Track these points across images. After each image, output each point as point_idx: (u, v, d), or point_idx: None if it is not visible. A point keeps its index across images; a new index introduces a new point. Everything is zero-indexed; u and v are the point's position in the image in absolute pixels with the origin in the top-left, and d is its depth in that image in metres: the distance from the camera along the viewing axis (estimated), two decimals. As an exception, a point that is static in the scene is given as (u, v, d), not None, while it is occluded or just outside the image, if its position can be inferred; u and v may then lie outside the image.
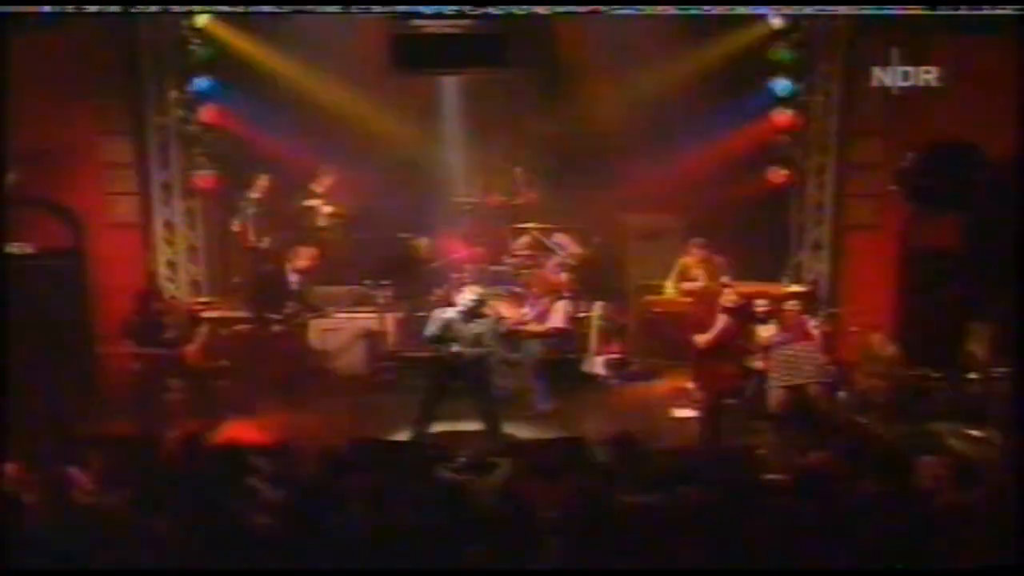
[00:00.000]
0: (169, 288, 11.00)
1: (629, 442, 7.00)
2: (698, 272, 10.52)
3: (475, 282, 9.75)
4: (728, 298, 9.20)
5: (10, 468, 6.33)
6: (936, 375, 9.66)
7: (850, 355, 9.86)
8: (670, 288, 10.69)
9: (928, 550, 5.45)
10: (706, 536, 5.47)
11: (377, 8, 8.69)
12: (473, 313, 8.84)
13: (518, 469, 7.03)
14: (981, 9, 7.72)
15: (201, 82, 10.69)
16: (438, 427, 8.91)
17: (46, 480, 6.12)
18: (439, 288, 10.91)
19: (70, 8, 7.86)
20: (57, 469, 6.25)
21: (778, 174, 10.96)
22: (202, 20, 10.49)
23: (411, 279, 11.07)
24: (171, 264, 11.06)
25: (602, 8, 8.46)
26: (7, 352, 8.59)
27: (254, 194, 11.00)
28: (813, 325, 9.45)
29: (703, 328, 9.15)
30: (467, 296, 8.91)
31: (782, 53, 10.66)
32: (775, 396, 9.05)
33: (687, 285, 10.51)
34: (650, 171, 11.19)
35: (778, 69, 10.69)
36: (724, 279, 10.33)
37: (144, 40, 10.52)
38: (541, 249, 11.19)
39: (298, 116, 11.12)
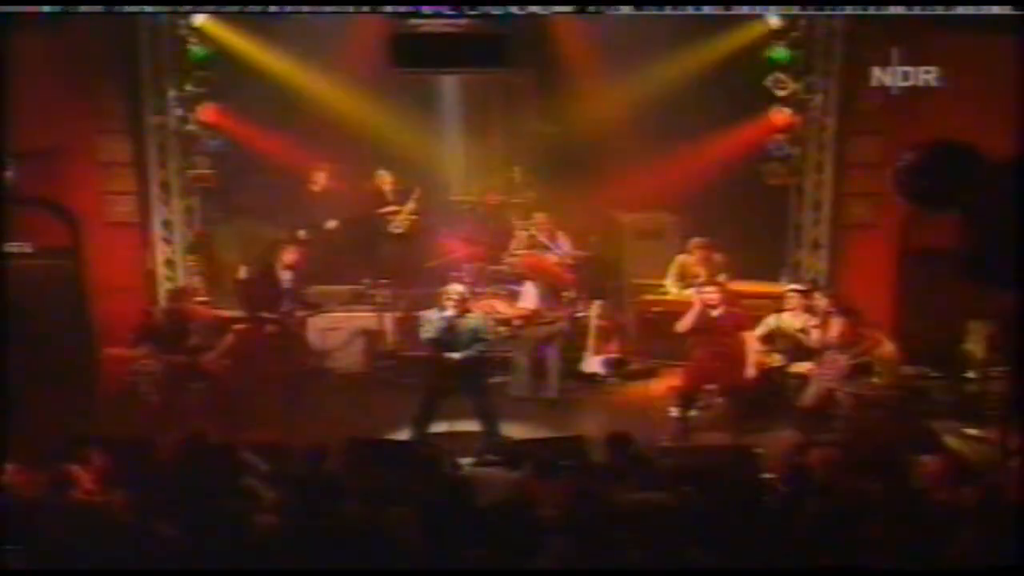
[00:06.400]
0: (167, 287, 11.00)
1: (627, 441, 7.01)
2: (698, 270, 10.52)
3: (457, 280, 9.73)
4: (707, 296, 9.24)
5: (10, 468, 6.33)
6: (935, 374, 9.67)
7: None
8: (672, 287, 10.68)
9: (927, 550, 5.46)
10: (706, 535, 5.47)
11: (376, 7, 8.69)
12: (461, 311, 8.87)
13: (517, 469, 7.04)
14: (981, 9, 7.72)
15: (200, 80, 10.69)
16: (437, 427, 8.92)
17: (47, 479, 6.12)
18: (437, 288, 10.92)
19: (70, 8, 7.86)
20: (58, 468, 6.25)
21: (777, 173, 10.95)
22: (200, 19, 10.47)
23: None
24: (169, 263, 11.05)
25: (602, 8, 8.47)
26: (6, 351, 8.57)
27: None
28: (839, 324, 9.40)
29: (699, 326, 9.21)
30: (451, 293, 8.91)
31: (780, 52, 10.66)
32: (811, 396, 8.99)
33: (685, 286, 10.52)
34: (648, 170, 11.18)
35: (776, 68, 10.69)
36: (720, 278, 10.41)
37: (142, 39, 10.51)
38: (540, 248, 11.19)
39: (296, 115, 11.11)
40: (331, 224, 11.36)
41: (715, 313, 9.19)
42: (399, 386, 10.38)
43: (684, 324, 9.28)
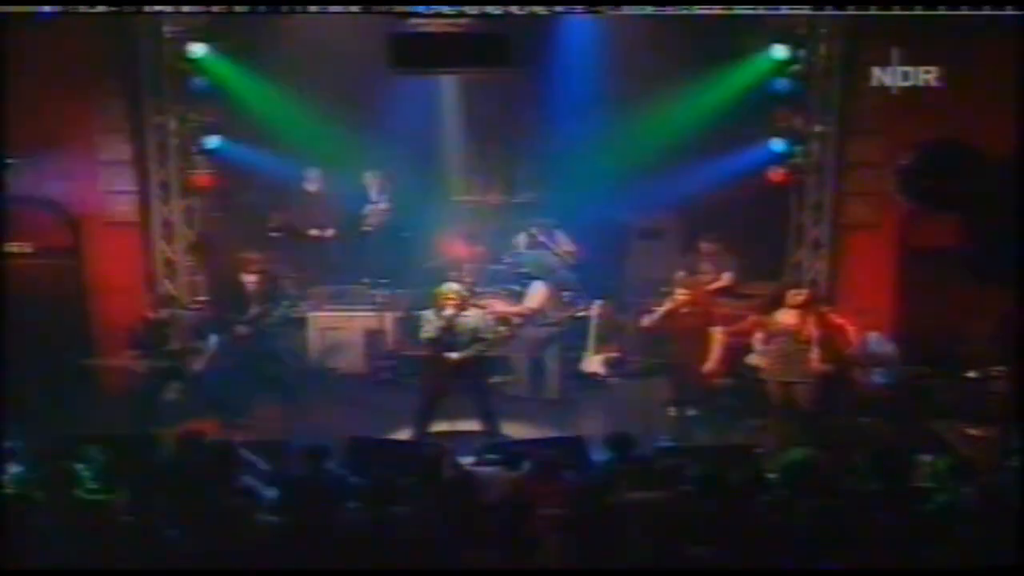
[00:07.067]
0: (167, 288, 11.00)
1: (628, 441, 7.01)
2: (707, 267, 10.53)
3: (457, 279, 9.71)
4: (681, 297, 9.28)
5: (10, 468, 6.33)
6: (935, 373, 9.67)
7: (849, 354, 9.85)
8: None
9: (927, 550, 5.46)
10: (706, 535, 5.47)
11: (376, 7, 8.69)
12: (460, 310, 8.87)
13: (518, 468, 7.03)
14: (981, 9, 7.72)
15: (200, 80, 10.67)
16: (438, 427, 8.92)
17: (47, 479, 6.11)
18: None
19: (70, 8, 7.86)
20: (58, 467, 6.25)
21: (777, 173, 10.94)
22: (201, 19, 10.44)
23: None
24: (169, 263, 11.05)
25: (602, 8, 8.46)
26: (6, 351, 8.58)
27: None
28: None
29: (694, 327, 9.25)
30: (448, 293, 8.91)
31: (780, 52, 10.63)
32: (769, 391, 9.06)
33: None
34: (649, 170, 11.16)
35: (776, 68, 10.67)
36: (727, 277, 10.41)
37: (143, 38, 10.50)
38: (540, 248, 11.17)
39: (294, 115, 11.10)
40: (329, 232, 11.39)
41: (685, 311, 9.25)
42: (399, 385, 10.40)
43: (650, 319, 9.44)
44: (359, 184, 11.52)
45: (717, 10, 8.35)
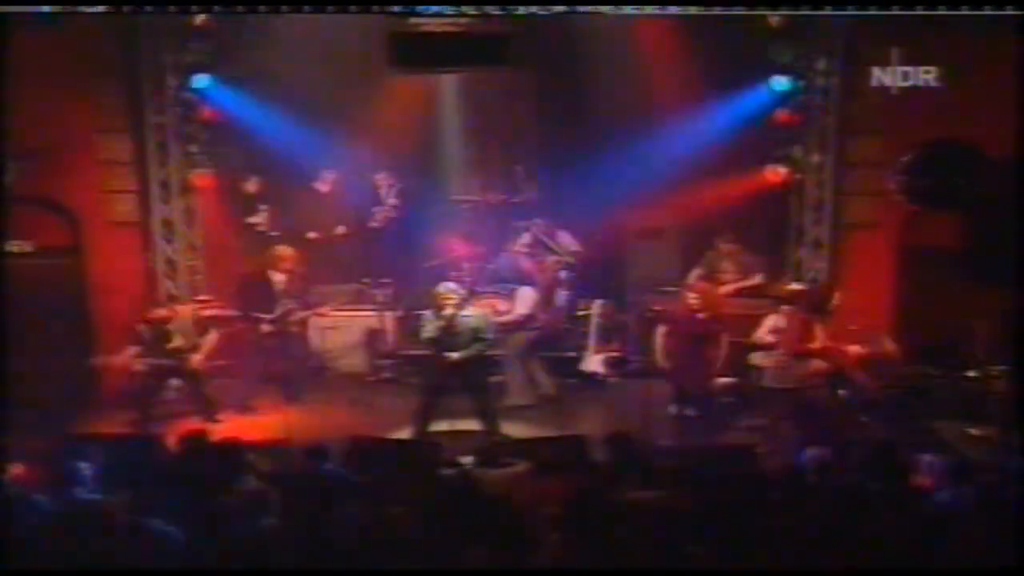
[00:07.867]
0: (168, 287, 11.00)
1: (628, 441, 7.01)
2: (727, 266, 10.51)
3: (456, 279, 9.71)
4: (692, 300, 9.29)
5: (11, 467, 6.34)
6: (936, 373, 9.67)
7: (849, 354, 9.86)
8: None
9: (927, 550, 5.46)
10: (706, 535, 5.47)
11: (377, 7, 8.69)
12: (459, 310, 8.87)
13: (518, 467, 7.04)
14: (981, 9, 7.72)
15: (201, 79, 10.68)
16: (438, 426, 8.93)
17: (47, 479, 6.12)
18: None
19: (70, 8, 7.86)
20: (58, 467, 6.25)
21: (777, 172, 10.94)
22: (200, 18, 10.45)
23: None
24: (170, 262, 11.06)
25: (602, 8, 8.46)
26: (6, 351, 8.58)
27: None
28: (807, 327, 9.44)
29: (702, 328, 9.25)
30: (446, 293, 8.91)
31: (782, 52, 10.63)
32: (771, 395, 9.09)
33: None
34: (649, 170, 11.16)
35: (778, 67, 10.66)
36: (757, 279, 10.43)
37: (143, 38, 10.51)
38: (541, 247, 11.18)
39: (296, 114, 11.09)
40: (340, 229, 11.40)
41: (700, 316, 9.26)
42: (400, 385, 10.40)
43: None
44: (369, 184, 11.52)
45: (716, 10, 8.33)
